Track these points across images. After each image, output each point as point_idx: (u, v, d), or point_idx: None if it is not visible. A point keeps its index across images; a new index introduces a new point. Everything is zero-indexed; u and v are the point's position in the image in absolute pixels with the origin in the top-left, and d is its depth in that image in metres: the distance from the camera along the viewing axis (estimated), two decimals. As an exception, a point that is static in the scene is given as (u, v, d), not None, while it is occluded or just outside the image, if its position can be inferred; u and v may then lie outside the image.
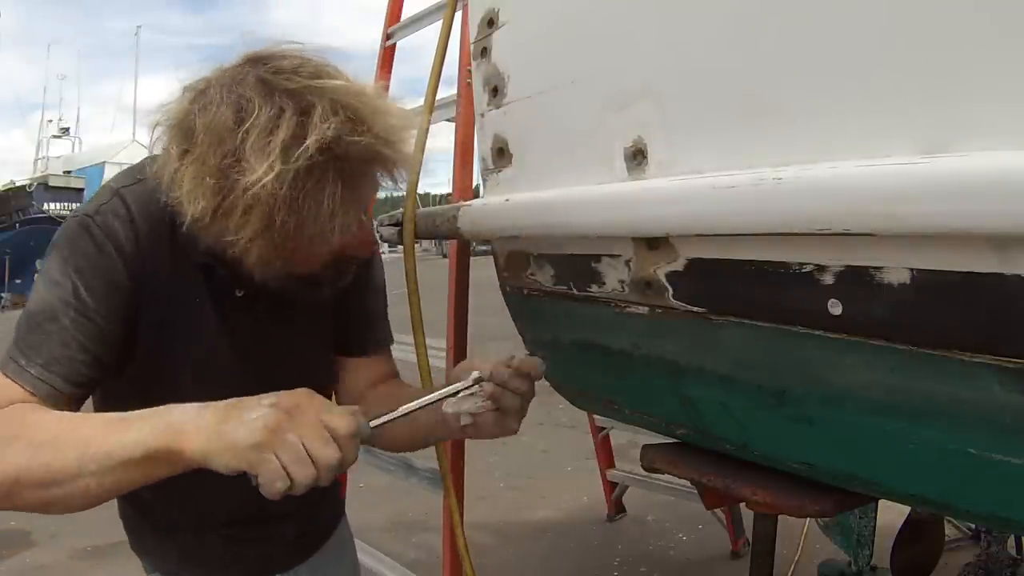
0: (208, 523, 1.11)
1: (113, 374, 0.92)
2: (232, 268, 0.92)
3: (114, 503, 1.18)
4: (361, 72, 0.88)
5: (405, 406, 0.88)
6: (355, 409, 0.83)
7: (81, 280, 0.87)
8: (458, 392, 0.92)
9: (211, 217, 0.78)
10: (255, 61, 0.83)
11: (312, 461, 0.76)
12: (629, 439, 3.34)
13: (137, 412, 0.80)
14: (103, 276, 0.88)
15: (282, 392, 0.80)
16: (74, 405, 0.88)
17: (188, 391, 0.85)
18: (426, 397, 0.91)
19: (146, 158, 0.97)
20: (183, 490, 1.01)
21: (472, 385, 0.92)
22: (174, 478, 0.91)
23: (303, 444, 0.76)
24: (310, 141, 0.75)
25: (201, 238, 0.85)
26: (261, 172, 0.74)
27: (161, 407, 0.80)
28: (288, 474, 0.75)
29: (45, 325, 0.86)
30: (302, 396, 0.80)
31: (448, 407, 0.93)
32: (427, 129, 1.44)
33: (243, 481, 0.92)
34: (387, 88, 0.90)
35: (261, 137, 0.75)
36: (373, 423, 0.83)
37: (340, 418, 0.79)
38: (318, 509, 1.23)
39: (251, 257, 0.82)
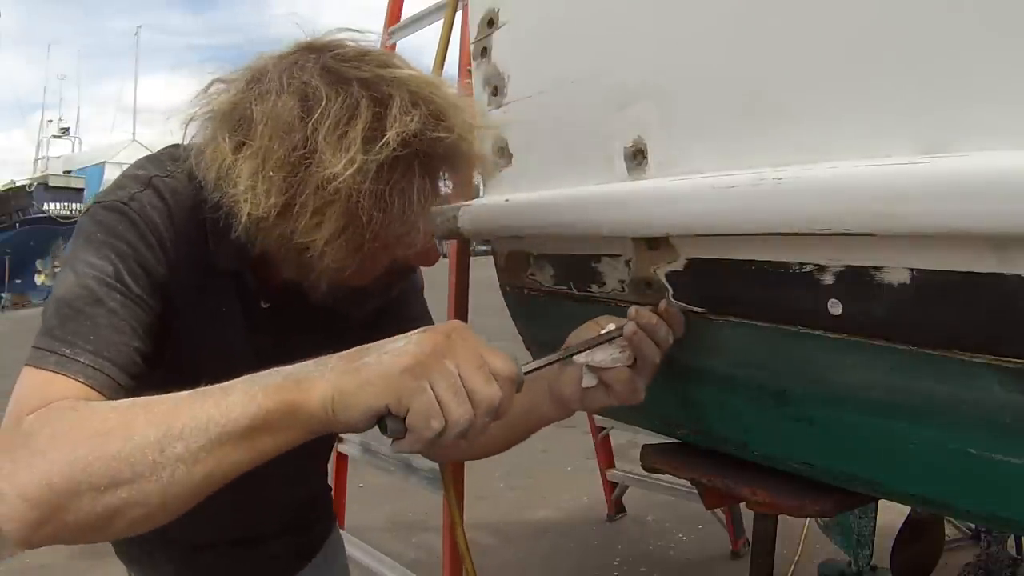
0: (201, 541, 1.09)
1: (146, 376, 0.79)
2: (262, 277, 0.85)
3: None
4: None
5: (555, 353, 0.78)
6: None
7: (124, 265, 0.76)
8: (599, 343, 0.81)
9: (276, 216, 0.69)
10: (313, 49, 0.75)
11: (469, 398, 0.63)
12: (629, 439, 3.34)
13: (228, 382, 0.65)
14: (145, 264, 0.78)
15: (423, 328, 0.68)
16: None
17: None
18: (572, 347, 0.81)
19: (171, 146, 0.88)
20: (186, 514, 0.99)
21: (614, 331, 0.82)
22: None
23: (460, 376, 0.63)
24: (391, 134, 0.68)
25: (258, 240, 0.75)
26: (341, 166, 0.66)
27: (251, 375, 0.66)
28: (443, 409, 0.62)
29: (88, 309, 0.72)
30: (457, 323, 0.68)
31: (580, 358, 0.82)
32: None
33: (241, 500, 0.82)
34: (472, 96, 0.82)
35: (335, 128, 0.68)
36: (525, 368, 0.72)
37: (501, 357, 0.67)
38: (313, 527, 1.22)
39: (325, 261, 0.72)
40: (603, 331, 0.84)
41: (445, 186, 0.79)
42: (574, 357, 0.82)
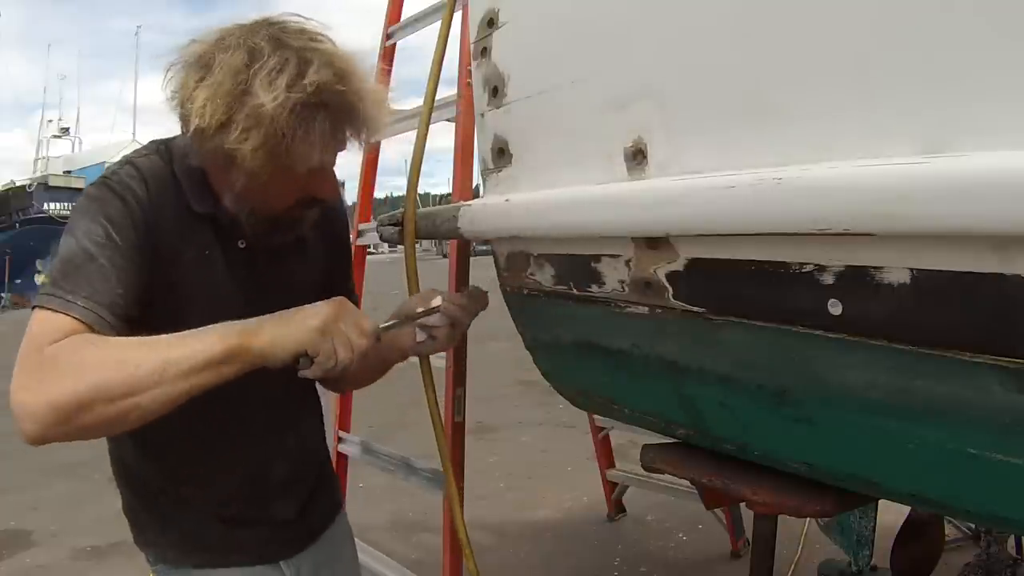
0: (212, 500, 1.15)
1: (135, 318, 1.00)
2: (230, 218, 1.07)
3: (118, 500, 1.20)
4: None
5: (395, 320, 1.15)
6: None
7: (112, 225, 0.98)
8: (430, 312, 1.18)
9: (216, 129, 0.93)
10: (268, 22, 1.01)
11: (350, 346, 0.98)
12: (629, 439, 3.34)
13: (202, 328, 0.94)
14: (128, 222, 1.00)
15: (323, 301, 1.00)
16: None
17: None
18: (409, 315, 1.18)
19: (151, 141, 1.13)
20: (188, 463, 1.14)
21: (438, 306, 1.18)
22: (179, 453, 1.11)
23: (346, 332, 0.98)
24: (307, 80, 0.93)
25: (201, 151, 1.00)
26: (268, 98, 0.91)
27: (219, 324, 0.94)
28: (336, 352, 0.97)
29: (83, 265, 0.95)
30: (344, 300, 1.02)
31: (417, 333, 1.21)
32: (427, 130, 1.44)
33: (241, 447, 1.15)
34: (387, 86, 1.07)
35: (268, 75, 0.93)
36: (381, 327, 1.08)
37: (366, 319, 1.03)
38: (314, 491, 1.26)
39: (246, 166, 0.95)
40: (431, 304, 1.19)
41: (345, 137, 1.03)
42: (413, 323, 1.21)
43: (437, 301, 1.19)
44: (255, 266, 1.12)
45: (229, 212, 1.08)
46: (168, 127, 1.09)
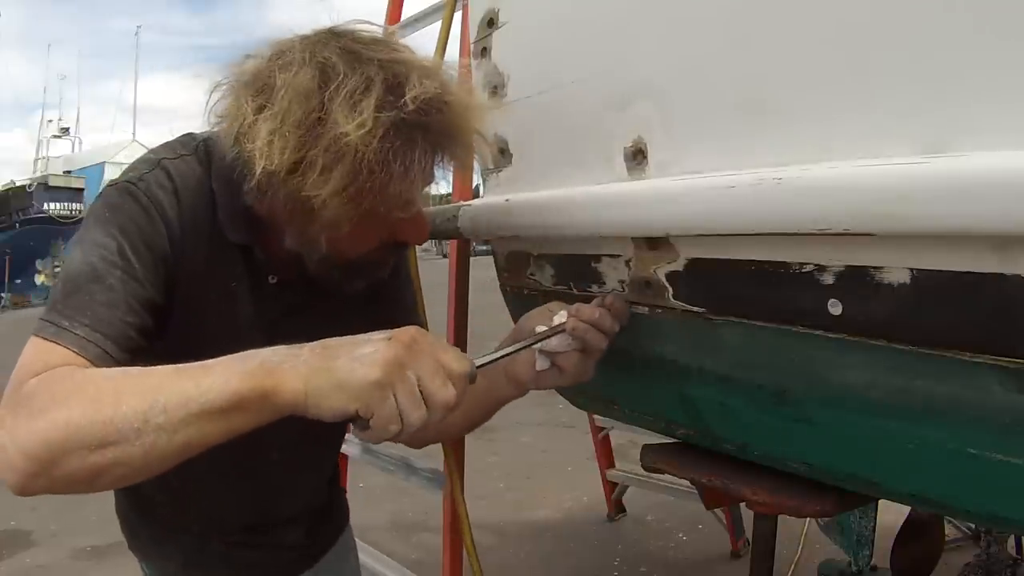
0: (214, 528, 1.11)
1: (147, 349, 0.84)
2: (268, 252, 0.92)
3: (112, 502, 1.19)
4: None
5: (506, 348, 0.87)
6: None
7: (127, 241, 0.83)
8: (553, 333, 0.91)
9: (288, 170, 0.76)
10: (334, 33, 0.83)
11: (425, 401, 0.71)
12: (629, 439, 3.34)
13: (211, 360, 0.71)
14: (148, 241, 0.84)
15: (390, 331, 0.74)
16: None
17: None
18: (524, 340, 0.90)
19: (184, 134, 0.96)
20: (192, 493, 1.04)
21: (562, 324, 0.91)
22: (183, 481, 0.92)
23: (419, 383, 0.71)
24: (408, 98, 0.76)
25: (268, 196, 0.82)
26: (352, 127, 0.74)
27: (239, 353, 0.72)
28: (401, 415, 0.70)
29: (89, 286, 0.80)
30: (416, 331, 0.74)
31: (537, 359, 0.93)
32: None
33: (252, 486, 1.00)
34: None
35: (350, 97, 0.75)
36: (478, 363, 0.79)
37: (455, 356, 0.74)
38: (325, 516, 1.22)
39: (326, 214, 0.79)
40: (554, 321, 0.93)
41: (443, 167, 0.86)
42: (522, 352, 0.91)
43: (561, 317, 0.93)
44: (287, 305, 0.96)
45: (269, 249, 0.90)
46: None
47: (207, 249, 0.89)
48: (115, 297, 0.80)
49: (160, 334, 0.86)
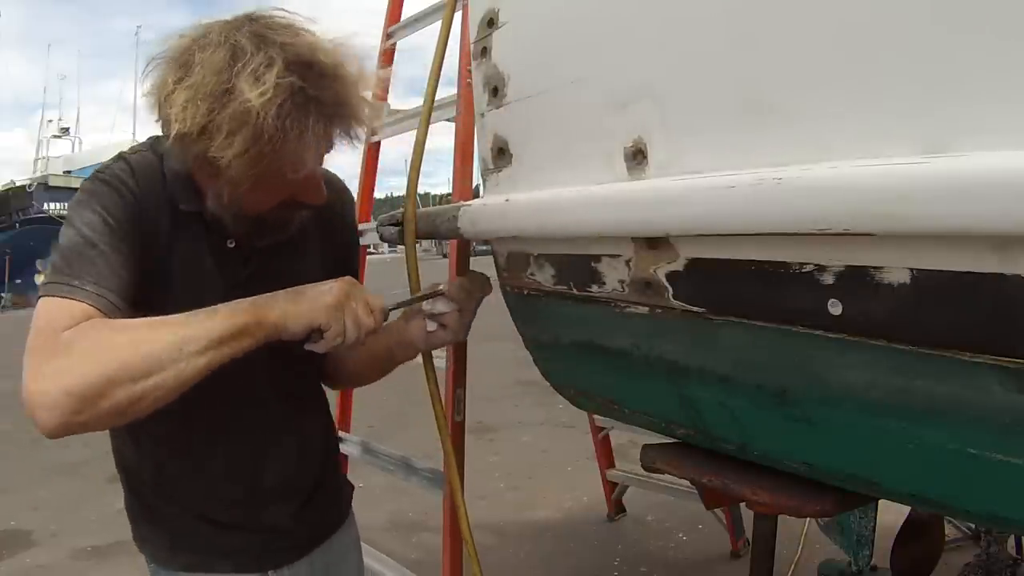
0: (197, 498, 1.13)
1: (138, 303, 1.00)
2: (216, 217, 1.06)
3: (118, 500, 1.20)
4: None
5: (403, 301, 1.20)
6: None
7: (108, 214, 0.98)
8: (432, 296, 1.21)
9: (198, 132, 0.90)
10: (251, 18, 0.97)
11: (358, 323, 1.00)
12: (629, 439, 3.34)
13: (211, 307, 0.94)
14: (121, 212, 1.00)
15: (334, 279, 1.02)
16: None
17: None
18: (413, 296, 1.22)
19: (148, 137, 1.11)
20: (178, 460, 1.13)
21: (439, 288, 1.21)
22: (170, 449, 1.10)
23: (356, 310, 1.00)
24: (304, 72, 0.91)
25: (183, 157, 0.97)
26: (254, 95, 0.88)
27: (231, 302, 0.95)
28: (345, 329, 0.99)
29: (86, 252, 0.95)
30: (351, 280, 1.04)
31: (424, 306, 1.22)
32: (427, 129, 1.44)
33: (234, 448, 1.14)
34: (387, 81, 1.07)
35: (253, 73, 0.89)
36: (390, 305, 1.12)
37: (375, 298, 1.05)
38: (313, 498, 1.23)
39: (230, 173, 0.93)
40: (437, 286, 1.22)
41: (338, 135, 1.00)
42: (421, 304, 1.22)
43: (443, 286, 1.21)
44: (245, 266, 1.11)
45: (213, 213, 1.06)
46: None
47: (167, 221, 1.05)
48: (109, 258, 0.96)
49: (140, 297, 1.00)
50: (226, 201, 1.02)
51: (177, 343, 0.88)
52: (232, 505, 1.14)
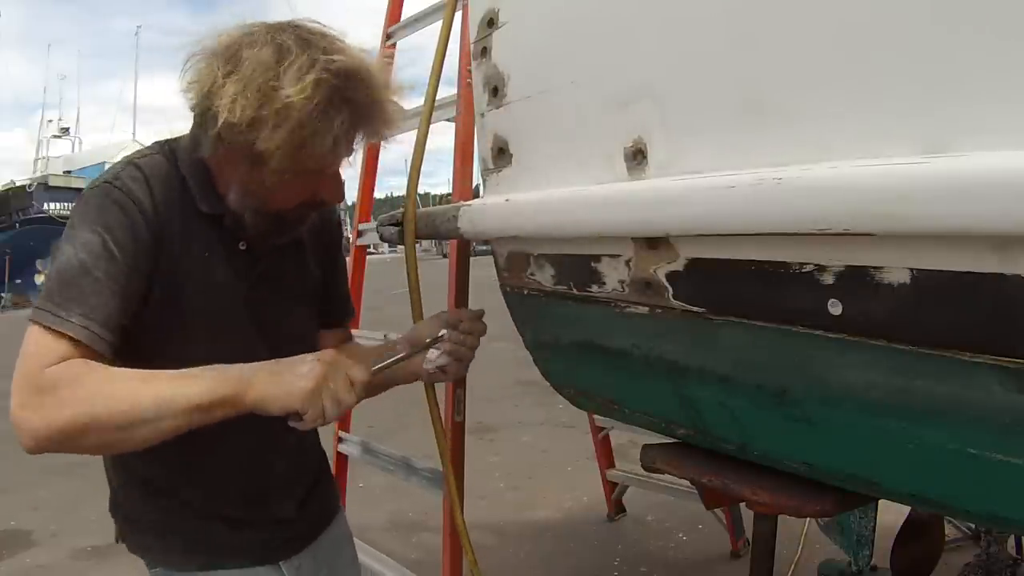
0: (213, 500, 1.15)
1: (134, 323, 1.03)
2: (235, 219, 1.09)
3: (106, 504, 1.20)
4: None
5: (394, 357, 1.19)
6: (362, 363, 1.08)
7: (109, 235, 0.99)
8: (435, 342, 1.24)
9: (248, 124, 0.95)
10: (292, 25, 1.04)
11: (338, 402, 1.01)
12: (629, 439, 3.34)
13: (196, 369, 0.97)
14: (128, 232, 1.00)
15: (317, 353, 1.03)
16: (110, 353, 0.98)
17: (201, 337, 1.06)
18: (407, 351, 1.22)
19: (155, 142, 1.13)
20: (192, 464, 1.15)
21: (439, 339, 1.24)
22: (182, 451, 1.08)
23: (334, 391, 1.01)
24: (335, 80, 0.97)
25: (225, 144, 1.00)
26: (294, 92, 0.94)
27: (215, 365, 0.98)
28: (324, 412, 1.01)
29: (78, 280, 0.96)
30: (333, 354, 1.04)
31: (425, 361, 1.26)
32: (427, 129, 1.44)
33: (246, 461, 1.16)
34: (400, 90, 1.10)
35: (297, 72, 0.95)
36: (375, 368, 1.11)
37: (358, 370, 1.05)
38: (312, 490, 1.28)
39: (271, 164, 0.98)
40: (437, 334, 1.25)
41: (364, 136, 1.07)
42: (414, 357, 1.24)
43: (444, 332, 1.24)
44: (254, 268, 1.14)
45: (233, 212, 1.08)
46: (168, 126, 1.13)
47: (180, 225, 1.06)
48: (102, 287, 0.97)
49: (148, 304, 1.03)
50: (253, 197, 1.05)
51: (154, 407, 0.93)
52: (243, 501, 1.17)
